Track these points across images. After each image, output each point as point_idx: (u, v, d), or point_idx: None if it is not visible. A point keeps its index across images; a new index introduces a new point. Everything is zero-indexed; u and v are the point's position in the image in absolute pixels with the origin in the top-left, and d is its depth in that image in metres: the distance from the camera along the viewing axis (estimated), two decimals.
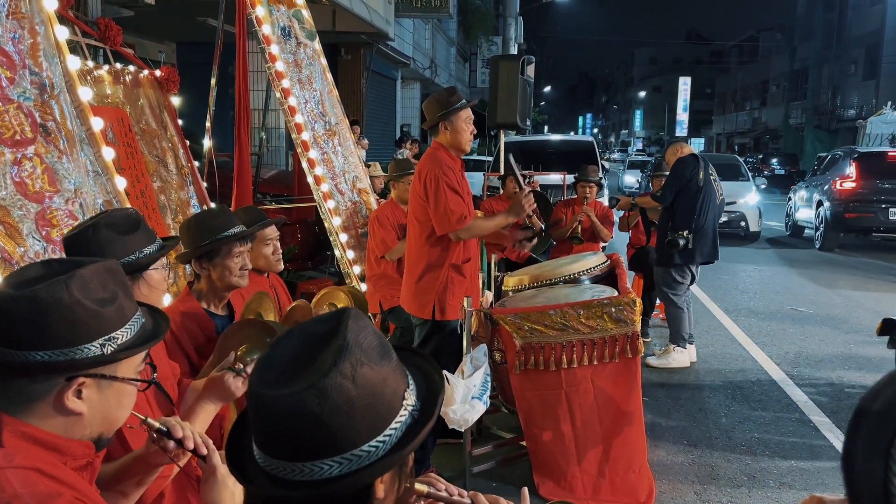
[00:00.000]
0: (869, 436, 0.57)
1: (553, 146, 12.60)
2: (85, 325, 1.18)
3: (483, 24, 25.49)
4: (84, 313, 1.18)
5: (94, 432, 1.25)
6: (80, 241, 1.85)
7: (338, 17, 10.93)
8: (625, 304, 3.26)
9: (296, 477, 0.96)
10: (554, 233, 6.10)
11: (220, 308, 2.59)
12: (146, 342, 1.28)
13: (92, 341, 1.19)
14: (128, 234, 1.91)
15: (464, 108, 3.54)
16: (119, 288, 1.26)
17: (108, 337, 1.21)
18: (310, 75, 5.26)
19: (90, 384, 1.21)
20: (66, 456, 1.20)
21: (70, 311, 1.17)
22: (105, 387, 1.23)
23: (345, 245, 5.03)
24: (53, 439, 1.18)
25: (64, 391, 1.18)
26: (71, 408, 1.19)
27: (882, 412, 0.58)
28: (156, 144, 4.30)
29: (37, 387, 1.18)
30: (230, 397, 1.89)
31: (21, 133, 2.69)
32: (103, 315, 1.20)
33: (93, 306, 1.19)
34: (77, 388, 1.19)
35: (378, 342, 1.00)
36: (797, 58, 38.90)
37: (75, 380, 1.19)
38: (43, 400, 1.18)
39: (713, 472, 3.83)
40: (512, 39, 23.22)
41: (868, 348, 6.07)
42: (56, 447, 1.19)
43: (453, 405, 2.89)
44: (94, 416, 1.23)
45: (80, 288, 1.18)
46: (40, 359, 1.15)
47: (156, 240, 2.00)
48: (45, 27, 2.93)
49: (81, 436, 1.23)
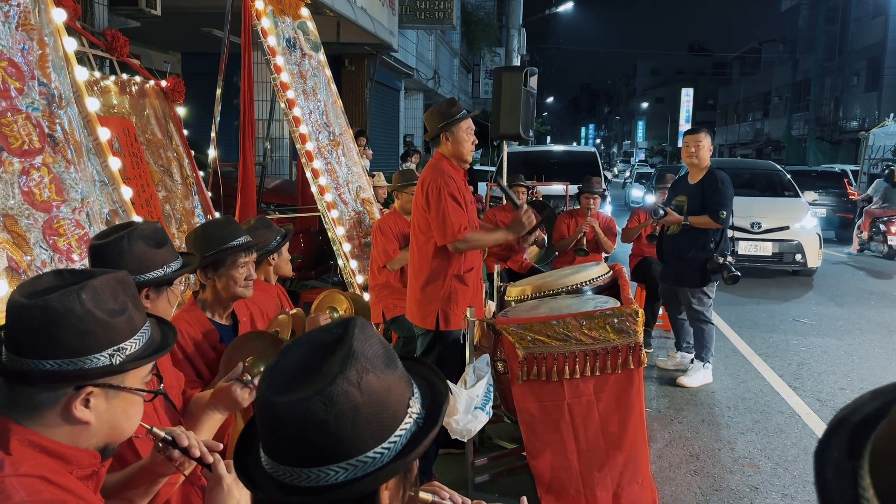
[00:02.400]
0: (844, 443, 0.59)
1: (556, 157, 12.63)
2: (95, 336, 1.19)
3: (486, 36, 25.59)
4: (94, 323, 1.19)
5: (100, 441, 1.26)
6: (113, 251, 1.86)
7: (342, 28, 10.99)
8: (627, 315, 3.26)
9: (302, 483, 0.97)
10: (557, 244, 6.11)
11: (225, 318, 2.61)
12: (154, 353, 1.29)
13: (101, 351, 1.20)
14: (158, 248, 1.94)
15: (464, 119, 3.57)
16: (129, 299, 1.27)
17: (118, 347, 1.22)
18: (314, 86, 5.30)
19: (98, 394, 1.22)
20: (71, 465, 1.21)
21: (81, 322, 1.18)
22: (112, 397, 1.24)
23: (348, 255, 5.05)
24: (60, 448, 1.19)
25: (72, 400, 1.20)
26: (78, 417, 1.20)
27: (860, 423, 0.60)
28: (161, 154, 4.33)
29: (45, 395, 1.19)
30: (236, 407, 1.90)
31: (29, 143, 2.72)
32: (113, 325, 1.22)
33: (103, 317, 1.20)
34: (85, 397, 1.21)
35: (384, 351, 1.02)
36: (799, 69, 38.97)
37: (84, 389, 1.20)
38: (51, 408, 1.19)
39: (716, 483, 3.82)
40: (515, 50, 23.33)
41: (872, 361, 6.06)
42: (62, 456, 1.19)
43: (456, 415, 2.89)
44: (101, 425, 1.24)
45: (91, 298, 1.20)
46: (50, 367, 1.17)
47: (178, 256, 2.03)
48: (53, 39, 2.96)
49: (88, 445, 1.24)
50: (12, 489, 1.10)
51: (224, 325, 2.59)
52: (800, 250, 9.37)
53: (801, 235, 9.39)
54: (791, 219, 9.54)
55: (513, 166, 8.27)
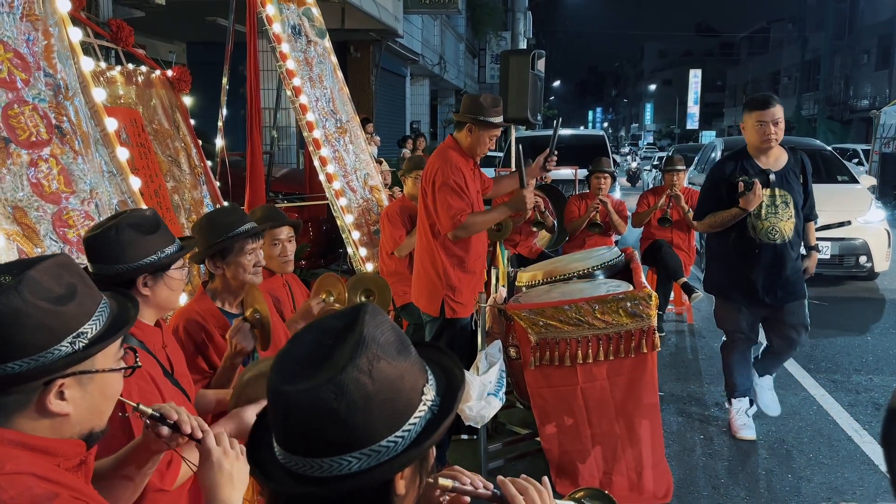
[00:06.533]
0: None
1: (564, 141, 12.55)
2: (48, 328, 1.14)
3: (492, 20, 25.41)
4: (44, 315, 1.13)
5: (83, 429, 1.22)
6: (102, 241, 1.85)
7: (347, 14, 10.94)
8: (640, 299, 3.24)
9: (316, 473, 0.96)
10: (568, 226, 6.07)
11: (235, 306, 2.60)
12: (119, 330, 1.24)
13: (61, 341, 1.15)
14: (149, 235, 1.91)
15: (497, 128, 3.59)
16: (76, 280, 1.21)
17: (77, 333, 1.17)
18: (320, 73, 5.27)
19: (70, 383, 1.17)
20: (57, 457, 1.17)
21: (29, 318, 1.12)
22: (87, 382, 1.20)
23: (357, 242, 5.04)
24: (43, 442, 1.16)
25: (44, 396, 1.15)
26: (55, 411, 1.16)
27: None
28: (168, 144, 4.32)
29: (15, 398, 1.14)
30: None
31: (37, 134, 2.71)
32: (65, 312, 1.16)
33: (51, 306, 1.15)
34: (58, 390, 1.16)
35: (396, 337, 1.00)
36: (808, 48, 38.57)
37: (53, 383, 1.15)
38: (25, 409, 1.15)
39: (730, 466, 3.81)
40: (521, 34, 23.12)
41: (888, 341, 6.01)
42: (46, 450, 1.16)
43: (469, 402, 2.88)
44: (80, 413, 1.20)
45: (32, 291, 1.13)
46: (11, 370, 1.11)
47: (175, 240, 2.01)
48: (58, 29, 2.94)
49: (71, 434, 1.20)
50: (0, 489, 1.07)
51: (235, 314, 2.58)
52: (865, 251, 7.59)
53: (867, 233, 7.64)
54: (852, 211, 7.73)
55: None
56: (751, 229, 3.89)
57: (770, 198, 3.87)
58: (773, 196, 3.88)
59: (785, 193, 3.90)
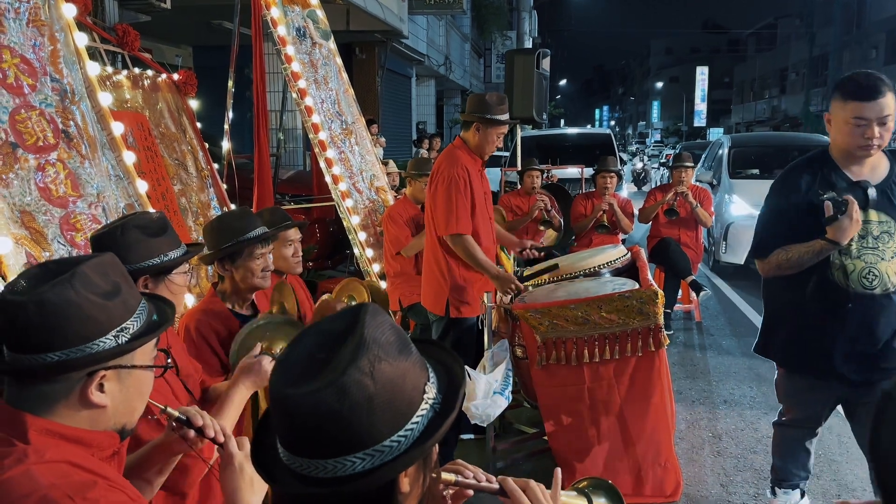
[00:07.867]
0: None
1: (570, 140, 12.53)
2: (96, 320, 1.19)
3: (497, 19, 25.40)
4: (94, 308, 1.19)
5: (118, 423, 1.27)
6: (107, 241, 1.88)
7: (352, 16, 10.96)
8: (647, 297, 3.23)
9: (320, 474, 0.96)
10: (574, 226, 6.06)
11: (245, 308, 2.62)
12: (157, 329, 1.29)
13: (106, 334, 1.20)
14: (155, 237, 1.94)
15: (504, 125, 3.58)
16: (120, 279, 1.27)
17: (121, 328, 1.22)
18: (325, 75, 5.29)
19: (111, 376, 1.22)
20: (92, 448, 1.22)
21: (80, 309, 1.18)
22: (125, 377, 1.25)
23: (363, 243, 5.05)
24: (78, 433, 1.20)
25: (87, 386, 1.20)
26: (95, 402, 1.21)
27: None
28: (175, 148, 4.34)
29: (58, 386, 1.19)
30: (264, 383, 1.94)
31: (44, 139, 2.73)
32: (112, 307, 1.22)
33: (100, 300, 1.20)
34: (99, 381, 1.21)
35: (396, 337, 1.01)
36: (816, 44, 38.38)
37: (97, 374, 1.21)
38: (67, 398, 1.20)
39: (739, 463, 3.80)
40: (526, 34, 23.14)
41: None
42: (81, 440, 1.20)
43: (475, 400, 2.88)
44: (117, 406, 1.25)
45: (84, 284, 1.19)
46: (58, 359, 1.17)
47: (181, 245, 2.03)
48: (64, 34, 2.97)
49: (106, 427, 1.25)
50: (40, 475, 1.10)
51: (245, 316, 2.60)
52: None
53: None
54: None
55: (526, 150, 8.21)
56: (838, 272, 2.63)
57: (866, 224, 2.59)
58: (868, 223, 2.60)
59: (888, 220, 2.61)
